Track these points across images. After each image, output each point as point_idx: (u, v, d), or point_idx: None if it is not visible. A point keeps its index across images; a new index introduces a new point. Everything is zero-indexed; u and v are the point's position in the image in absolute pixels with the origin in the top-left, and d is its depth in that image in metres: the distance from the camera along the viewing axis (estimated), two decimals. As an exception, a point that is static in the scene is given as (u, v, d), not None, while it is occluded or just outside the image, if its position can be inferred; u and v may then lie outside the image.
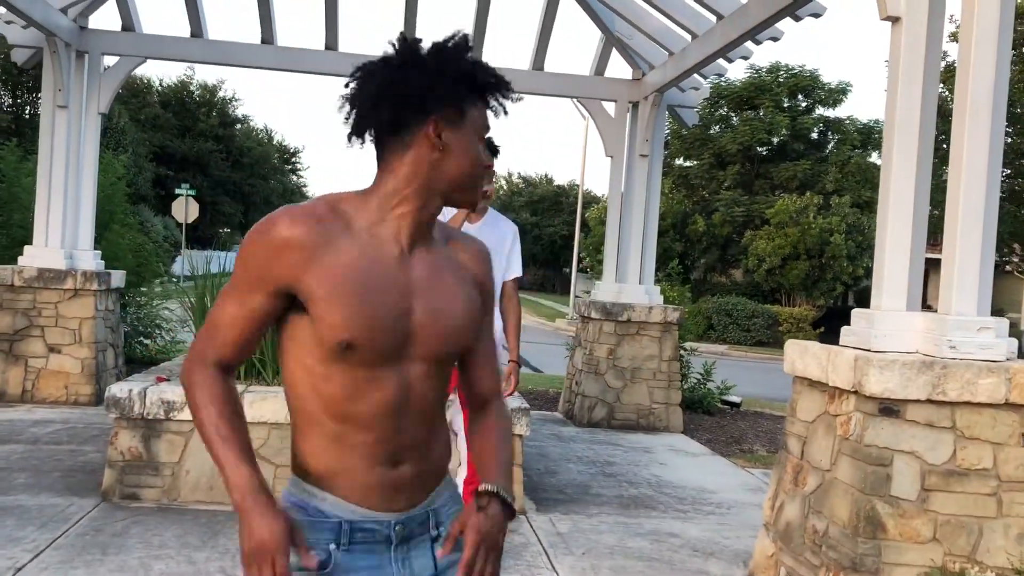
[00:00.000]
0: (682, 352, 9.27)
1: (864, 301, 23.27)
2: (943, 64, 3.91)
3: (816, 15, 6.16)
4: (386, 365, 1.60)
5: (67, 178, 7.97)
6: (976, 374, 3.58)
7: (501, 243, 4.36)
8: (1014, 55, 15.66)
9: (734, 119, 30.02)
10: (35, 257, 7.90)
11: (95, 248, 8.41)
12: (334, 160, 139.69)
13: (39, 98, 31.88)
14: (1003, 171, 4.07)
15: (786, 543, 4.13)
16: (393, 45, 1.61)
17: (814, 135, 29.71)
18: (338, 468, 1.62)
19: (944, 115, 7.12)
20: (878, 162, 29.80)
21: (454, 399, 4.02)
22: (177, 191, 27.86)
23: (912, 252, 3.88)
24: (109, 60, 8.34)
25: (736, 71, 35.37)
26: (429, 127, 1.58)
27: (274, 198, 47.40)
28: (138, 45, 8.25)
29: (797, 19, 6.05)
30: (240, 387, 5.12)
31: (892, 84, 3.94)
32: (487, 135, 1.72)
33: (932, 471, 3.61)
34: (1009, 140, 18.09)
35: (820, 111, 29.79)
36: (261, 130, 49.70)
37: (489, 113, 1.67)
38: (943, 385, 3.57)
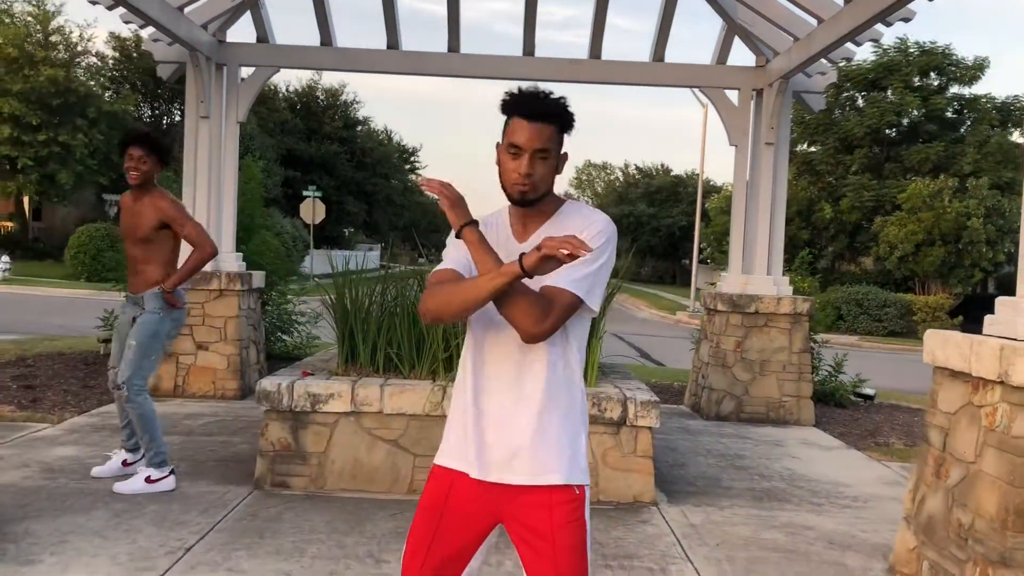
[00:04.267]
0: (813, 344, 9.07)
1: (1006, 288, 22.18)
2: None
3: (951, -7, 5.94)
4: None
5: (210, 185, 8.45)
6: None
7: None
8: None
9: (860, 101, 29.00)
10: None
11: (236, 251, 8.87)
12: (449, 156, 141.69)
13: (174, 109, 33.80)
14: None
15: (929, 536, 4.04)
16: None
17: (948, 114, 28.37)
18: None
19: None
20: (1020, 140, 28.26)
21: None
22: (305, 193, 28.91)
23: (1061, 237, 3.73)
24: (246, 71, 8.78)
25: (862, 52, 34.08)
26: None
27: (395, 196, 48.62)
28: (272, 56, 8.66)
29: (931, -2, 5.85)
30: (379, 380, 5.35)
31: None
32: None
33: (1087, 464, 3.47)
34: None
35: (955, 89, 28.42)
36: (381, 131, 51.02)
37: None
38: (1098, 375, 3.43)
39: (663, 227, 53.40)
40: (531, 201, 2.31)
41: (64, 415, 7.13)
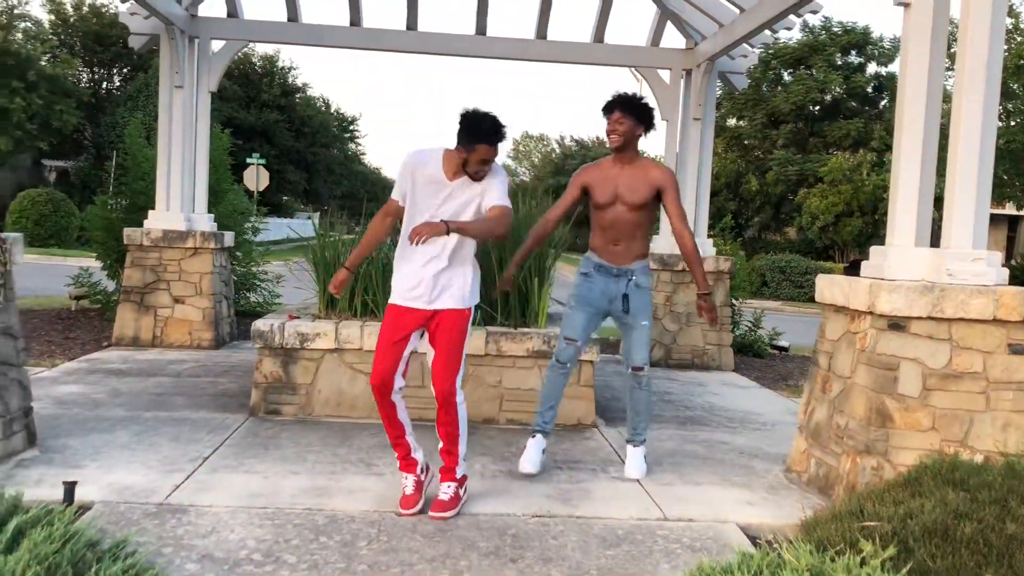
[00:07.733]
0: (733, 302, 10.11)
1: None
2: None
3: (850, -9, 6.88)
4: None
5: (184, 150, 9.06)
6: (969, 296, 4.41)
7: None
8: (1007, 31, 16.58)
9: (787, 78, 30.33)
10: (158, 220, 9.02)
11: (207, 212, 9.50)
12: (388, 127, 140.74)
13: (114, 74, 33.46)
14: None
15: (816, 439, 5.03)
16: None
17: (868, 92, 29.87)
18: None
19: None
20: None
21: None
22: (248, 160, 29.11)
23: (920, 198, 4.71)
24: (216, 44, 9.37)
25: (790, 31, 35.43)
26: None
27: (335, 165, 48.77)
28: (242, 30, 9.27)
29: (833, -5, 6.79)
30: (358, 322, 6.15)
31: (904, 58, 4.74)
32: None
33: (932, 374, 4.47)
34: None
35: (874, 68, 29.95)
36: (319, 99, 50.96)
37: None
38: (941, 304, 4.41)
39: (599, 198, 54.39)
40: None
41: (55, 361, 7.77)
